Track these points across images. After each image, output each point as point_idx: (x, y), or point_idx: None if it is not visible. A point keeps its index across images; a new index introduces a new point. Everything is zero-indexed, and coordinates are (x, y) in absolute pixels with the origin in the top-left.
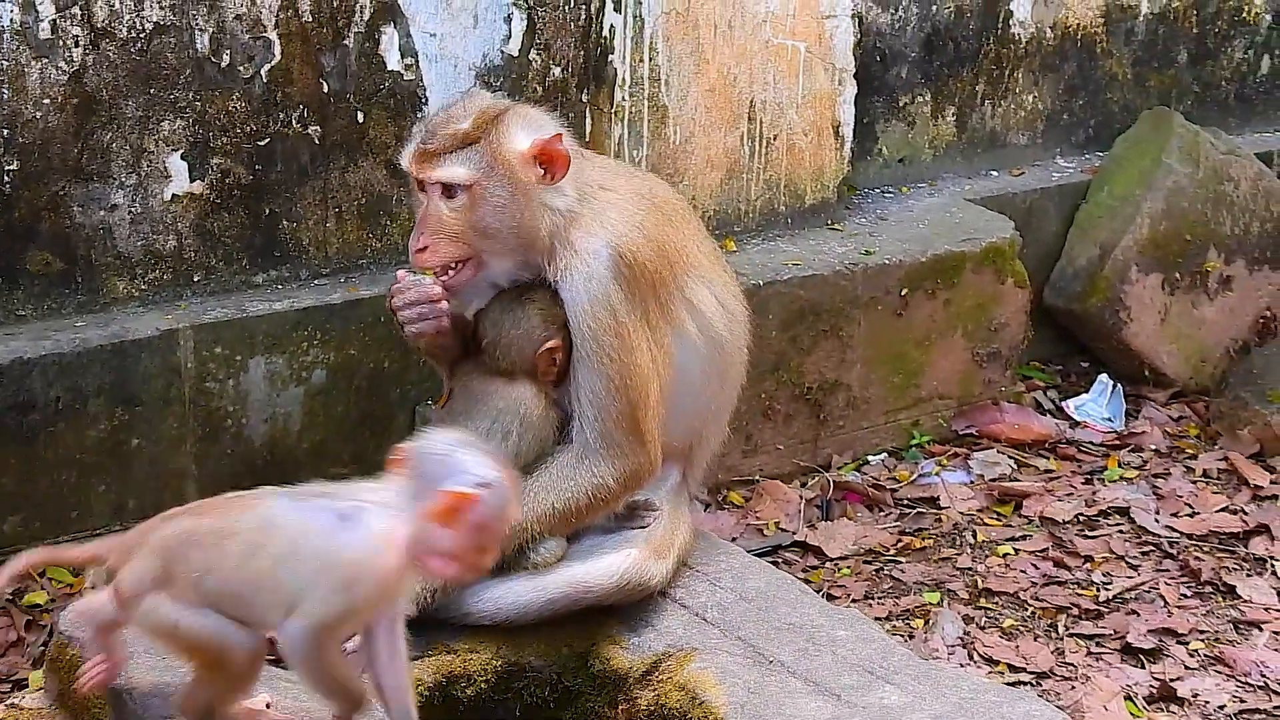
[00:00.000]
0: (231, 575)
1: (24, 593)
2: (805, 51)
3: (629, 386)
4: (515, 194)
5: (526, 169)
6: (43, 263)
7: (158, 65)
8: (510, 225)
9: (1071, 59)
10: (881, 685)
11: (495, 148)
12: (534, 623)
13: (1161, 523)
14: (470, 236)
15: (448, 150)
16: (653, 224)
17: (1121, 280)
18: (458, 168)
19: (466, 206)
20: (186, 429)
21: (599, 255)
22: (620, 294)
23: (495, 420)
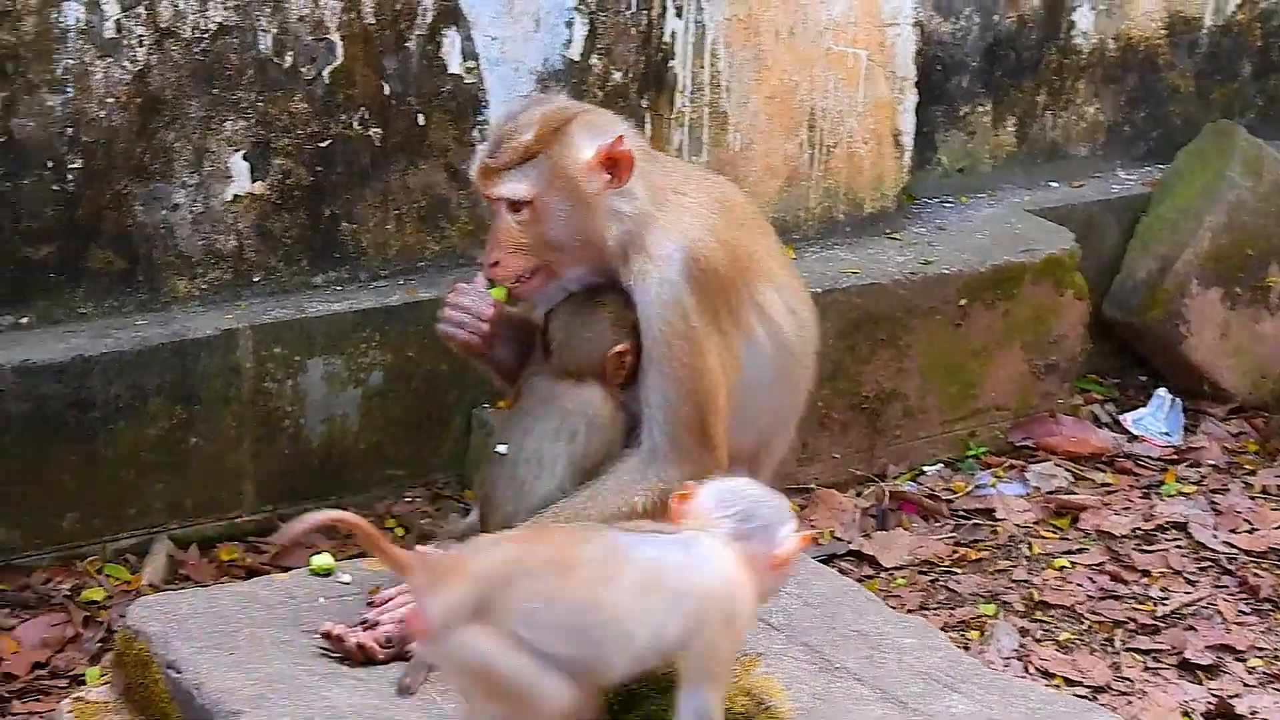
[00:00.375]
0: (577, 607)
1: (81, 589)
2: (866, 59)
3: (698, 391)
4: (579, 205)
5: (591, 178)
6: (104, 261)
7: (221, 65)
8: (576, 236)
9: (1134, 71)
10: (948, 694)
11: (556, 160)
12: None
13: (1219, 538)
14: (539, 249)
15: (510, 165)
16: (725, 228)
17: (1181, 294)
18: (518, 184)
19: (531, 220)
20: (244, 428)
21: (671, 259)
22: (692, 298)
23: (563, 421)
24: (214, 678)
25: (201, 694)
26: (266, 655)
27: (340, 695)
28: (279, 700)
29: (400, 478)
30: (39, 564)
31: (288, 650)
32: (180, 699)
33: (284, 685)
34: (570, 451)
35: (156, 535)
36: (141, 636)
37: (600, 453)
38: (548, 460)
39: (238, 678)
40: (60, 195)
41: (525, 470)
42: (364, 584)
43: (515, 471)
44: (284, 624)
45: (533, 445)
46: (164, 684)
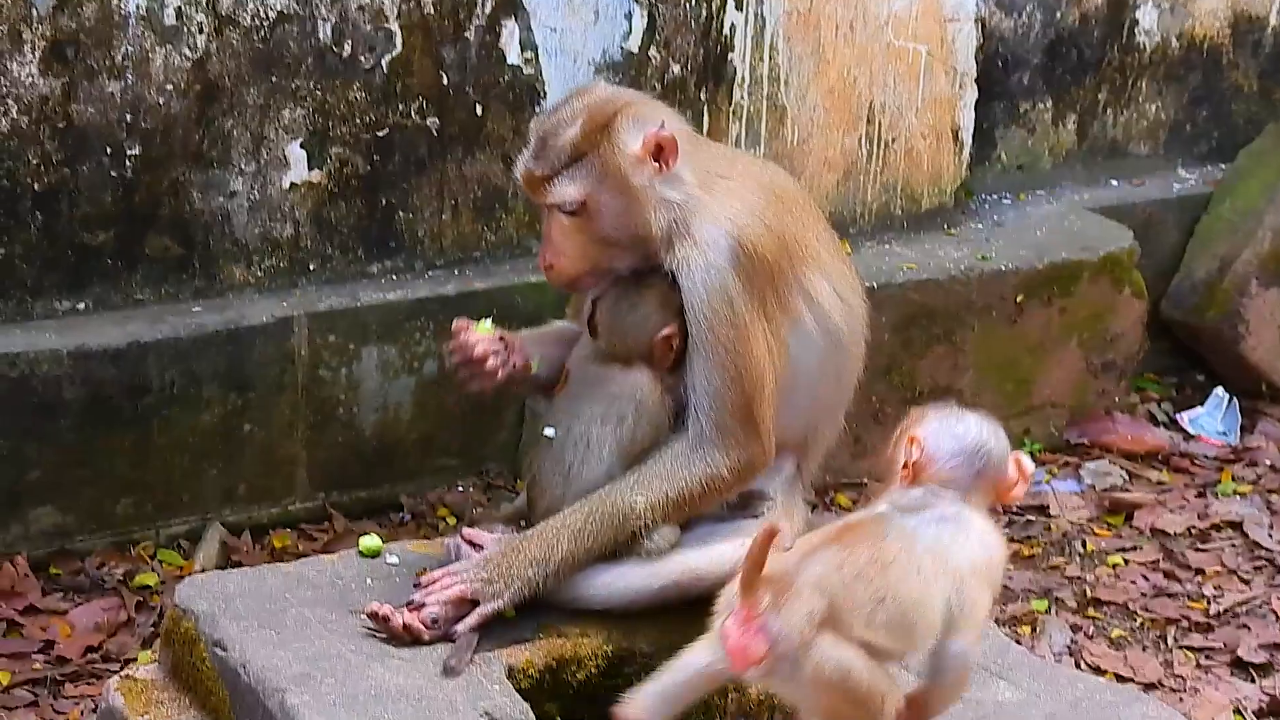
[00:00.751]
0: (899, 601)
1: (134, 574)
2: (927, 54)
3: (744, 378)
4: (632, 199)
5: (640, 169)
6: (161, 247)
7: (280, 54)
8: (629, 230)
9: (1196, 69)
10: (996, 682)
11: (605, 158)
12: (645, 610)
13: (1275, 538)
14: (594, 248)
15: (558, 170)
16: (773, 214)
17: (1241, 293)
18: (568, 188)
19: (584, 222)
20: (298, 416)
21: (718, 245)
22: (738, 285)
23: (611, 405)
24: (260, 656)
25: (247, 672)
26: (313, 635)
27: (386, 675)
28: (325, 679)
29: (453, 467)
30: (93, 548)
31: (334, 630)
32: (226, 677)
33: (329, 664)
34: (618, 435)
35: (209, 521)
36: (189, 615)
37: (648, 437)
38: (595, 444)
39: (284, 656)
40: (118, 182)
41: (572, 454)
42: (411, 565)
43: (563, 455)
44: (331, 604)
45: (580, 429)
46: (211, 662)
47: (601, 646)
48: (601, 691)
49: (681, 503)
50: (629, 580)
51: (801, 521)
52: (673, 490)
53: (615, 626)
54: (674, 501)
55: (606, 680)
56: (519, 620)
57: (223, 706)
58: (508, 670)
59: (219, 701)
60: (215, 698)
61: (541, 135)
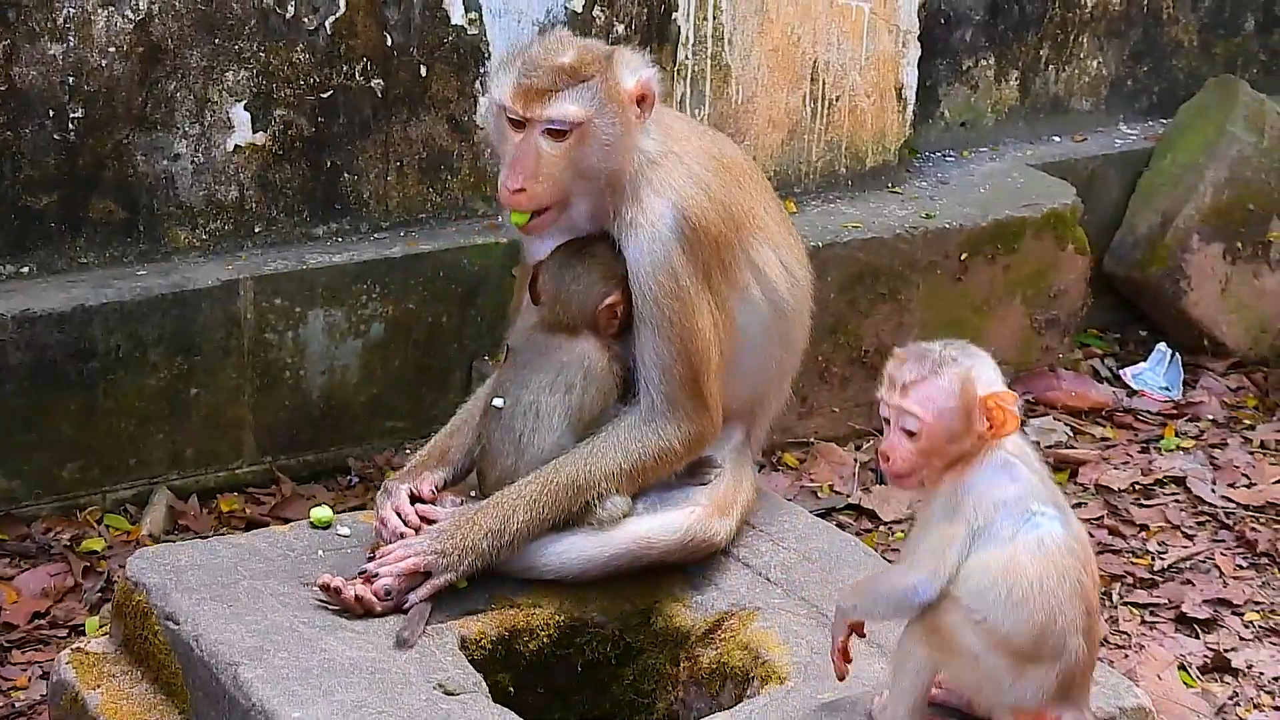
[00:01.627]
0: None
1: (81, 539)
2: (870, 13)
3: (690, 351)
4: (622, 133)
5: (631, 108)
6: (105, 211)
7: (223, 15)
8: (610, 165)
9: (1137, 25)
10: None
11: (610, 86)
12: (597, 579)
13: (1218, 493)
14: (568, 177)
15: (559, 87)
16: (719, 185)
17: (1182, 249)
18: (570, 105)
19: (571, 145)
20: (245, 379)
21: (663, 217)
22: (683, 257)
23: (559, 374)
24: (212, 629)
25: (200, 645)
26: (265, 607)
27: (338, 647)
28: (277, 652)
29: (400, 430)
30: (39, 514)
31: (286, 602)
32: (179, 650)
33: (282, 637)
34: (567, 403)
35: (156, 486)
36: (140, 588)
37: (597, 404)
38: (545, 412)
39: (236, 629)
40: (61, 145)
41: (522, 423)
42: (362, 537)
43: (513, 424)
44: (283, 576)
45: (529, 398)
46: (162, 635)
47: (553, 617)
48: (554, 661)
49: (634, 474)
50: (580, 549)
51: (751, 488)
52: (626, 462)
53: (567, 596)
54: (627, 473)
55: (559, 650)
56: (471, 591)
57: (175, 680)
58: (460, 641)
59: (172, 675)
60: (168, 671)
61: (532, 58)
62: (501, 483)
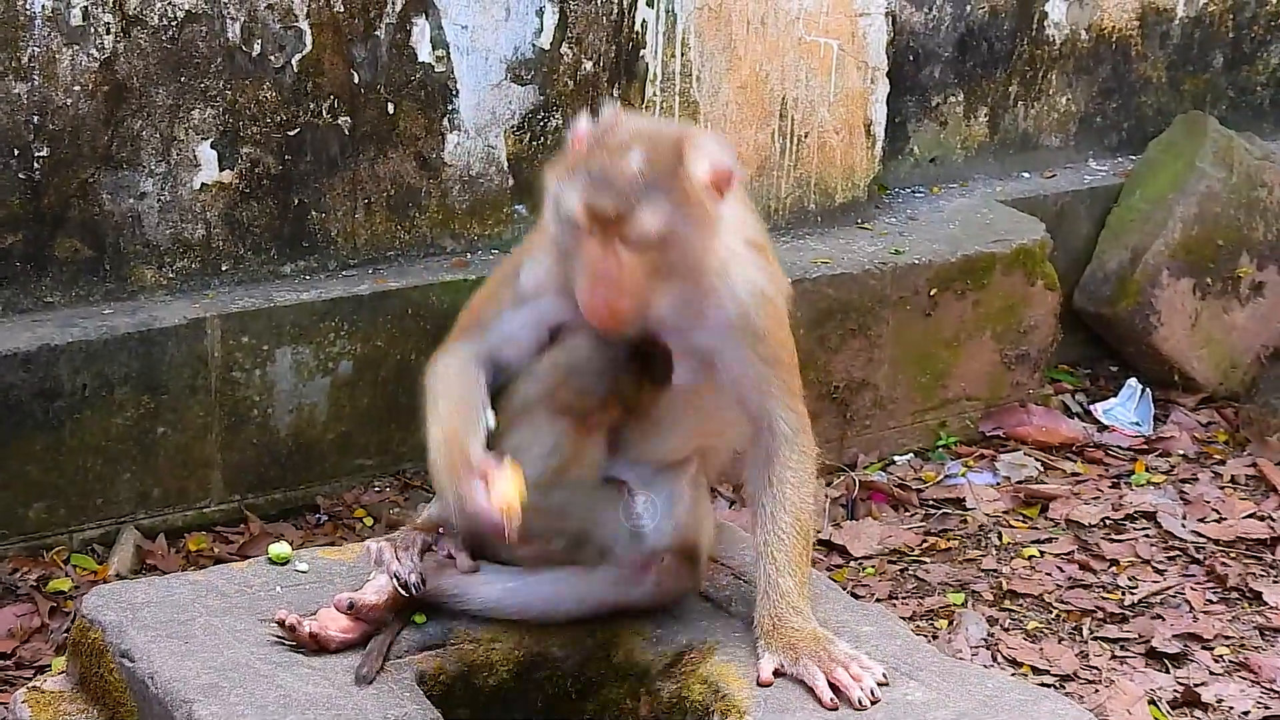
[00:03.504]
0: None
1: (48, 579)
2: (838, 49)
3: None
4: (703, 231)
5: (709, 198)
6: (71, 249)
7: (189, 53)
8: (694, 264)
9: (1106, 61)
10: (905, 681)
11: (685, 188)
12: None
13: (1188, 528)
14: (655, 283)
15: (634, 204)
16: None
17: (1152, 284)
18: (651, 219)
19: (657, 255)
20: (212, 418)
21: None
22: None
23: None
24: (168, 667)
25: (155, 683)
26: (221, 644)
27: (294, 684)
28: (233, 689)
29: (369, 467)
30: (5, 554)
31: (243, 639)
32: (135, 688)
33: (238, 674)
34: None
35: (124, 525)
36: (96, 625)
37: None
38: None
39: (192, 666)
40: (26, 183)
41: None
42: (320, 572)
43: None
44: (240, 612)
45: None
46: (118, 673)
47: (513, 652)
48: (514, 697)
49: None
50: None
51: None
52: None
53: (526, 632)
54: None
55: (518, 685)
56: (429, 626)
57: (131, 717)
58: (418, 677)
59: (127, 713)
60: (124, 709)
61: (600, 169)
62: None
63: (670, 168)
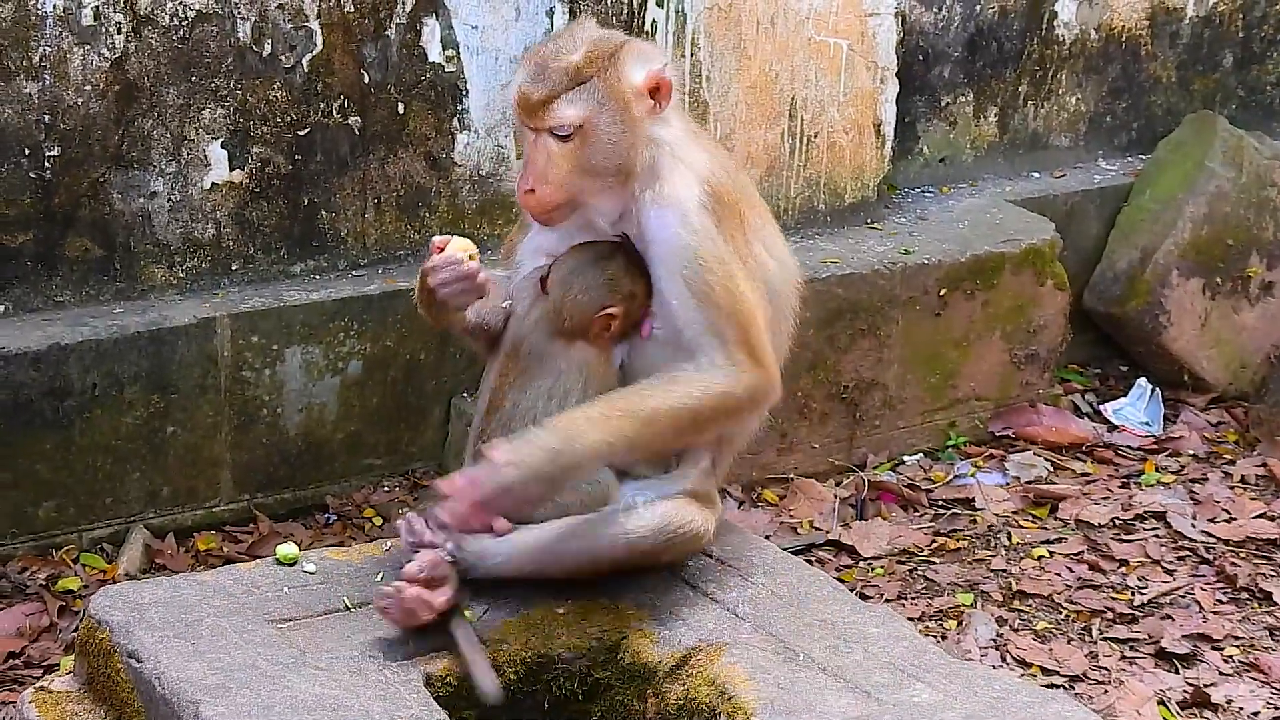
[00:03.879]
0: None
1: (57, 578)
2: (848, 49)
3: (738, 312)
4: (627, 128)
5: (640, 101)
6: (82, 249)
7: (199, 53)
8: (619, 160)
9: (1115, 61)
10: (913, 683)
11: (610, 84)
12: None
13: (1198, 528)
14: (577, 176)
15: (559, 91)
16: (733, 166)
17: (1162, 284)
18: (569, 109)
19: (577, 146)
20: (222, 417)
21: (690, 188)
22: (715, 226)
23: (557, 380)
24: (175, 667)
25: (162, 683)
26: (228, 645)
27: (301, 684)
28: (239, 690)
29: (378, 467)
30: (14, 553)
31: (250, 640)
32: (141, 688)
33: (245, 675)
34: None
35: (133, 524)
36: (103, 626)
37: None
38: (543, 418)
39: (199, 667)
40: (37, 183)
41: (519, 425)
42: (328, 573)
43: (510, 426)
44: (247, 613)
45: (527, 403)
46: (125, 673)
47: (520, 653)
48: (520, 697)
49: (699, 414)
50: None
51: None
52: (690, 399)
53: (533, 632)
54: (692, 410)
55: (525, 687)
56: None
57: (138, 718)
58: (425, 678)
59: (134, 713)
60: (131, 709)
61: (539, 61)
62: None
63: (601, 65)
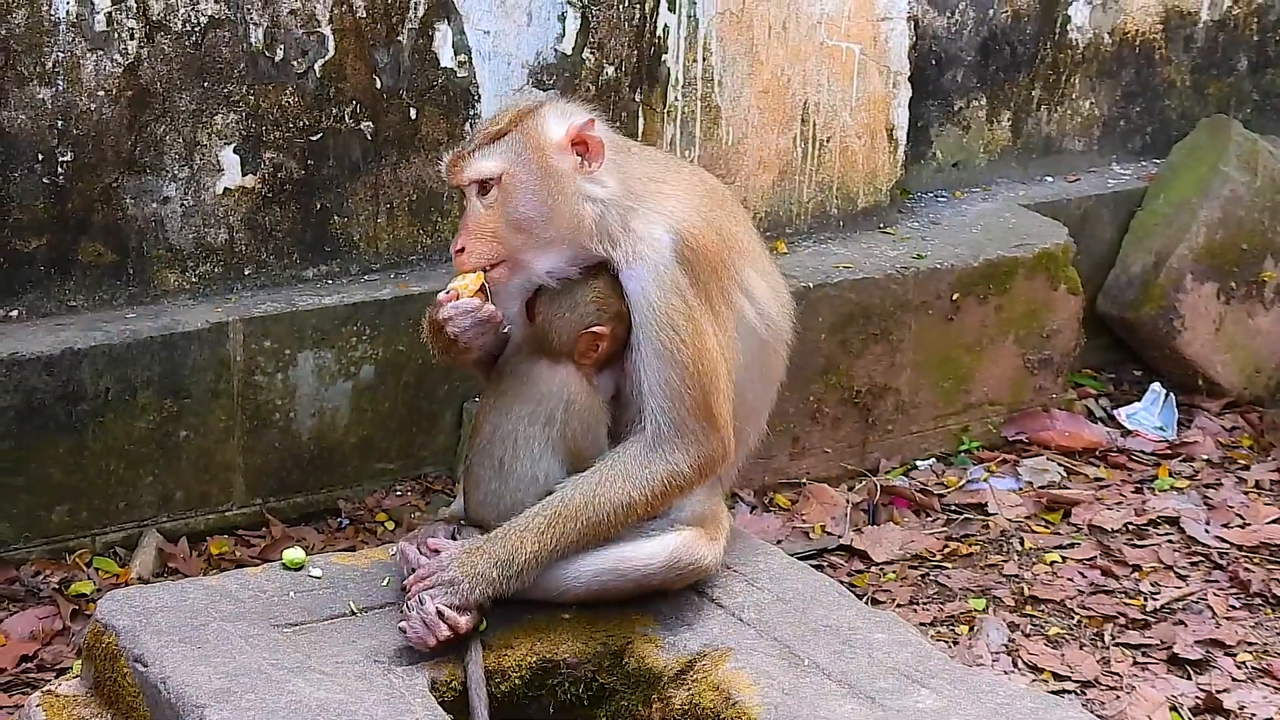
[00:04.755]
0: None
1: (70, 582)
2: (860, 54)
3: (701, 372)
4: (547, 182)
5: (562, 156)
6: (95, 254)
7: (212, 59)
8: (544, 215)
9: (1129, 65)
10: (917, 689)
11: (526, 135)
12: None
13: (1211, 533)
14: (506, 233)
15: (476, 147)
16: (710, 209)
17: (1176, 289)
18: (484, 161)
19: (499, 200)
20: (234, 422)
21: (662, 242)
22: (686, 280)
23: (539, 405)
24: (181, 671)
25: (168, 687)
26: (234, 649)
27: (306, 689)
28: (245, 694)
29: (391, 471)
30: (27, 557)
31: (255, 644)
32: (147, 692)
33: (250, 679)
34: (548, 435)
35: (146, 528)
36: (110, 630)
37: (582, 433)
38: (523, 441)
39: (205, 671)
40: (50, 188)
41: (500, 448)
42: (334, 578)
43: (491, 449)
44: (253, 618)
45: (508, 426)
46: (132, 677)
47: (525, 658)
48: (526, 702)
49: (645, 502)
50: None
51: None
52: (635, 490)
53: (539, 638)
54: (637, 501)
55: (531, 692)
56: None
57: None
58: (430, 683)
59: (141, 717)
60: (137, 714)
61: (474, 129)
62: (484, 506)
63: (517, 120)
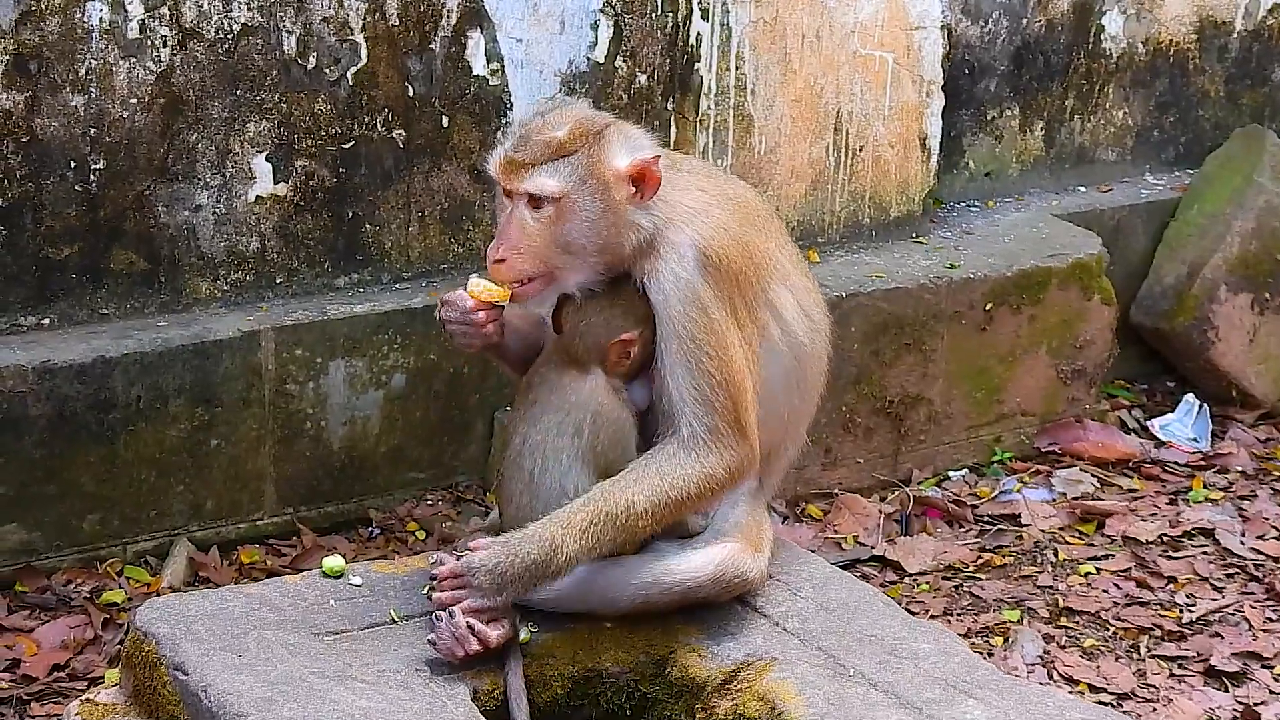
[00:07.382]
0: None
1: (101, 591)
2: (893, 63)
3: (729, 382)
4: (605, 210)
5: (620, 186)
6: (127, 262)
7: (244, 66)
8: (594, 241)
9: (1163, 75)
10: (964, 700)
11: (592, 162)
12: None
13: (1247, 545)
14: (551, 250)
15: (540, 161)
16: (737, 225)
17: (1210, 299)
18: (548, 179)
19: (552, 219)
20: (266, 430)
21: (686, 255)
22: (710, 291)
23: (567, 415)
24: (221, 679)
25: (209, 696)
26: (275, 657)
27: (348, 698)
28: (286, 703)
29: (422, 480)
30: (59, 566)
31: (297, 652)
32: (188, 701)
33: (291, 688)
34: (576, 445)
35: (177, 537)
36: (150, 638)
37: (611, 443)
38: (551, 452)
39: (245, 680)
40: (83, 196)
41: (530, 460)
42: (374, 586)
43: (521, 461)
44: (294, 626)
45: (537, 437)
46: (172, 686)
47: (567, 667)
48: (568, 712)
49: (680, 503)
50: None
51: (770, 533)
52: (672, 490)
53: (581, 646)
54: (673, 501)
55: (573, 701)
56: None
57: None
58: (472, 693)
59: None
60: None
61: (527, 130)
62: (518, 519)
63: (585, 142)
